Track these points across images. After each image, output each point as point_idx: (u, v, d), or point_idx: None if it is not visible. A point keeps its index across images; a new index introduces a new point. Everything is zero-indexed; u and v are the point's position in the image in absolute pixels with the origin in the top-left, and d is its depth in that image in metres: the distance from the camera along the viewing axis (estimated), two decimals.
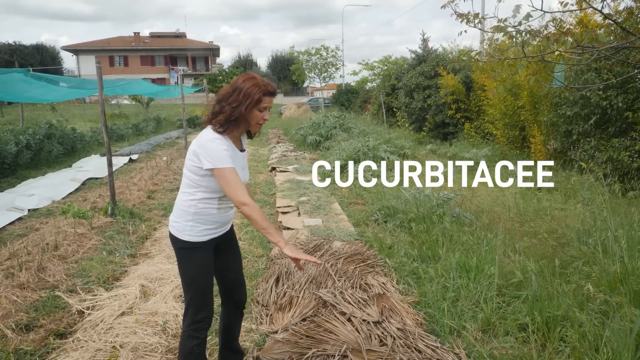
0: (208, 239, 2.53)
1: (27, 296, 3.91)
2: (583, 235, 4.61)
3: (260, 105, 2.40)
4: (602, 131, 8.02)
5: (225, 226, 2.65)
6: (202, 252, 2.53)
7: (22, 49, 51.11)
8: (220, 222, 2.57)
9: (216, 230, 2.57)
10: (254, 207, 2.32)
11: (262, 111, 2.43)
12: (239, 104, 2.36)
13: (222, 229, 2.62)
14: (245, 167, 2.60)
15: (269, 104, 2.44)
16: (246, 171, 2.62)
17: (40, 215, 6.63)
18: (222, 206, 2.52)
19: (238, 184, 2.33)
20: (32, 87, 8.79)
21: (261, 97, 2.38)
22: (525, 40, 4.32)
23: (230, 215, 2.63)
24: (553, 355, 2.89)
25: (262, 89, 2.38)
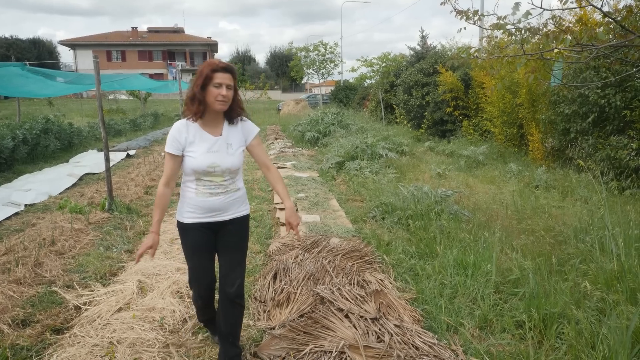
0: (192, 222, 2.68)
1: (24, 291, 3.90)
2: (580, 233, 4.62)
3: (214, 81, 2.51)
4: (600, 129, 8.03)
5: (214, 213, 2.69)
6: (189, 233, 2.71)
7: (19, 43, 50.96)
8: (202, 207, 2.66)
9: (201, 216, 2.67)
10: (157, 192, 2.68)
11: (218, 87, 2.52)
12: (194, 84, 2.57)
13: (209, 216, 2.68)
14: (218, 151, 2.62)
15: (224, 81, 2.52)
16: (220, 155, 2.62)
17: (37, 211, 6.62)
18: (201, 190, 2.64)
19: (165, 170, 2.64)
20: (29, 81, 8.77)
21: (211, 74, 2.51)
22: (525, 37, 4.32)
23: (216, 204, 2.67)
24: (549, 352, 2.90)
25: (212, 66, 2.54)
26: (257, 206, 6.99)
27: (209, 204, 2.65)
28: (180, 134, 2.60)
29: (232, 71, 2.59)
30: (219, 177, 2.65)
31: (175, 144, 2.59)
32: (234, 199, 2.73)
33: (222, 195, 2.68)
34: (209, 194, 2.64)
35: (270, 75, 62.98)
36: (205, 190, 2.64)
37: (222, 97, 2.53)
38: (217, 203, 2.67)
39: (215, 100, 2.54)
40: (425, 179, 8.41)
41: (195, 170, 2.60)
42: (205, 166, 2.58)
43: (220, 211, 2.70)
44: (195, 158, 2.58)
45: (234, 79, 2.61)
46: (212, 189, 2.64)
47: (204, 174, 2.61)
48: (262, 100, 33.80)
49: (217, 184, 2.65)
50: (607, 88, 7.59)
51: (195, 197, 2.65)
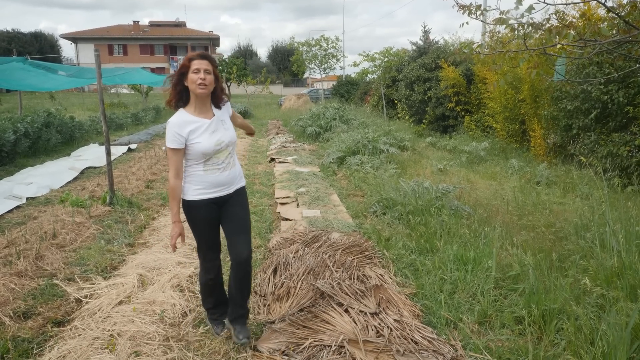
0: (200, 198, 2.93)
1: (25, 284, 3.91)
2: (581, 229, 4.62)
3: (192, 68, 2.79)
4: (602, 126, 8.00)
5: (221, 188, 2.97)
6: (197, 209, 2.95)
7: (21, 36, 50.92)
8: (211, 182, 2.92)
9: (208, 191, 2.94)
10: (169, 185, 2.88)
11: (197, 73, 2.78)
12: (175, 74, 2.89)
13: (216, 191, 2.96)
14: (217, 129, 2.92)
15: (201, 66, 2.78)
16: (220, 132, 2.93)
17: (38, 204, 6.63)
18: (209, 168, 2.91)
19: (172, 164, 2.84)
20: (31, 75, 8.76)
21: (188, 62, 2.80)
22: (528, 33, 4.30)
23: (222, 178, 2.95)
24: (549, 347, 2.90)
25: (189, 56, 2.85)
26: (257, 200, 6.99)
27: (217, 179, 2.93)
28: (180, 127, 2.81)
29: (208, 58, 2.85)
30: (224, 152, 2.94)
31: (178, 138, 2.80)
32: (235, 174, 3.05)
33: (227, 170, 2.97)
34: (216, 169, 2.92)
35: (271, 69, 62.87)
36: (214, 168, 2.92)
37: (202, 80, 2.78)
38: (222, 178, 2.96)
39: (197, 86, 2.79)
40: (426, 174, 8.40)
41: (205, 153, 2.85)
42: (213, 146, 2.86)
43: (225, 185, 2.99)
44: (201, 143, 2.83)
45: (212, 66, 2.86)
46: (219, 166, 2.93)
47: (213, 153, 2.88)
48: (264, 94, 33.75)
49: (222, 161, 2.94)
50: (610, 84, 7.55)
51: (204, 175, 2.91)
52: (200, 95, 2.83)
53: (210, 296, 3.23)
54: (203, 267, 3.14)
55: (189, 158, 2.89)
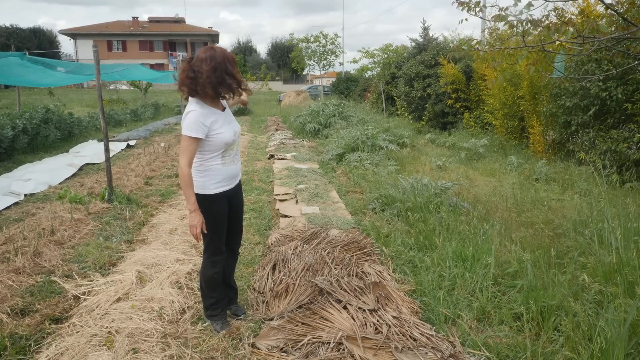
0: (219, 192, 3.04)
1: (23, 281, 3.91)
2: (579, 226, 4.62)
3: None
4: (601, 122, 8.01)
5: (234, 180, 3.15)
6: (219, 204, 3.07)
7: (19, 32, 50.74)
8: (229, 175, 3.08)
9: (227, 184, 3.08)
10: (183, 173, 2.84)
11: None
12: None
13: (230, 183, 3.11)
14: (231, 121, 3.08)
15: None
16: (234, 123, 3.10)
17: (36, 200, 6.62)
18: (226, 161, 3.04)
19: (188, 153, 2.84)
20: (29, 71, 8.73)
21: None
22: (526, 29, 4.29)
23: (235, 170, 3.13)
24: (547, 344, 2.90)
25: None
26: (256, 197, 6.99)
27: (233, 171, 3.10)
28: (205, 117, 2.88)
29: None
30: (237, 143, 3.11)
31: (202, 127, 2.86)
32: (239, 165, 3.21)
33: (237, 162, 3.15)
34: (231, 162, 3.07)
35: (271, 66, 62.80)
36: (229, 159, 3.06)
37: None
38: (235, 169, 3.14)
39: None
40: (425, 171, 8.40)
41: (227, 143, 2.97)
42: (232, 135, 3.01)
43: (237, 177, 3.19)
44: (224, 133, 2.95)
45: None
46: (233, 156, 3.09)
47: (232, 143, 3.02)
48: (263, 91, 33.76)
49: (235, 152, 3.11)
50: (609, 81, 7.55)
51: (223, 168, 3.02)
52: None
53: (214, 291, 3.26)
54: (210, 262, 3.18)
55: (209, 149, 2.95)
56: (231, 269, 3.49)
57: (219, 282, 3.26)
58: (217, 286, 3.25)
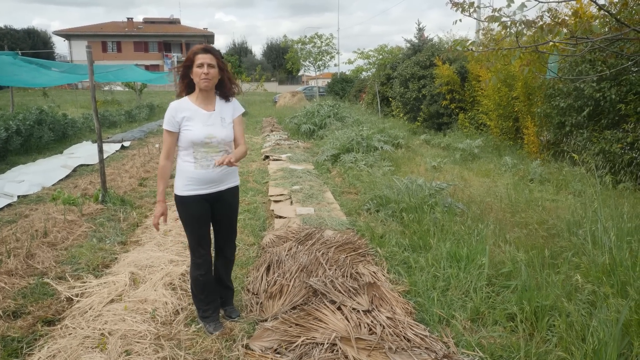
0: (192, 194, 2.99)
1: (15, 283, 3.88)
2: (573, 226, 4.63)
3: (196, 62, 2.89)
4: (595, 123, 8.04)
5: (211, 185, 3.03)
6: (189, 206, 3.02)
7: (13, 33, 50.48)
8: (201, 179, 2.98)
9: (199, 187, 3.00)
10: (159, 165, 3.03)
11: (201, 67, 2.88)
12: (181, 67, 2.99)
13: (206, 187, 3.02)
14: (213, 124, 2.98)
15: (205, 60, 2.88)
16: (215, 128, 2.98)
17: (29, 202, 6.58)
18: (199, 163, 2.95)
19: (164, 145, 2.98)
20: (22, 70, 8.68)
21: (193, 57, 2.90)
22: (520, 30, 4.30)
23: (213, 175, 2.99)
24: (540, 344, 2.91)
25: (194, 50, 2.93)
26: (251, 198, 6.97)
27: (207, 176, 2.98)
28: (176, 112, 2.94)
29: (211, 51, 2.94)
30: (214, 149, 2.97)
31: (173, 121, 2.94)
32: (227, 172, 3.06)
33: (218, 169, 2.99)
34: (206, 165, 2.96)
35: (266, 67, 62.71)
36: (204, 162, 2.95)
37: (205, 75, 2.88)
38: (213, 175, 3.00)
39: (200, 79, 2.90)
40: (420, 171, 8.41)
41: (193, 142, 2.91)
42: (202, 137, 2.91)
43: (217, 182, 3.04)
44: (192, 131, 2.91)
45: (217, 58, 2.94)
46: (209, 161, 2.96)
47: (201, 145, 2.93)
48: (259, 92, 33.69)
49: (212, 157, 2.96)
50: (603, 82, 7.58)
51: (194, 170, 2.96)
52: (204, 89, 2.95)
53: (201, 293, 3.24)
54: (193, 263, 3.19)
55: (181, 145, 2.99)
56: (225, 271, 3.44)
57: (206, 284, 3.22)
58: (205, 287, 3.22)
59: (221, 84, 3.05)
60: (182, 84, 3.04)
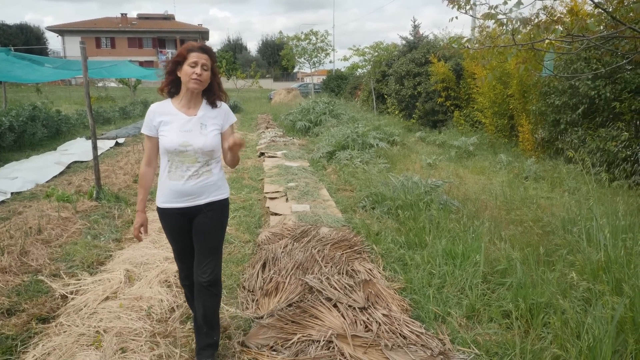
0: (166, 207, 2.70)
1: (9, 280, 3.85)
2: (568, 223, 4.65)
3: (189, 60, 2.56)
4: (590, 121, 8.07)
5: (186, 198, 2.66)
6: (165, 218, 2.76)
7: (6, 28, 50.17)
8: (174, 191, 2.65)
9: (174, 200, 2.68)
10: (140, 173, 2.79)
11: (193, 66, 2.56)
12: (170, 61, 2.67)
13: (182, 201, 2.67)
14: (191, 130, 2.62)
15: (199, 59, 2.57)
16: (192, 135, 2.62)
17: (23, 199, 6.53)
18: (173, 173, 2.64)
19: (145, 152, 2.73)
20: (15, 66, 8.61)
21: (187, 53, 2.58)
22: (516, 28, 4.30)
23: (186, 188, 2.64)
24: (535, 341, 2.92)
25: (189, 46, 2.62)
26: (247, 195, 6.96)
27: (180, 188, 2.63)
28: (154, 115, 2.67)
29: (208, 52, 2.63)
30: (191, 158, 2.62)
31: (149, 125, 2.67)
32: (206, 184, 2.68)
33: (194, 179, 2.64)
34: (180, 177, 2.63)
35: (261, 63, 62.59)
36: (177, 172, 2.64)
37: (197, 76, 2.56)
38: (188, 187, 2.64)
39: (190, 79, 2.57)
40: (415, 169, 8.42)
41: (167, 149, 2.61)
42: (177, 144, 2.59)
43: (193, 196, 2.67)
44: (167, 137, 2.61)
45: (212, 61, 2.65)
46: (183, 172, 2.63)
47: (175, 153, 2.60)
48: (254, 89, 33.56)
49: (188, 167, 2.62)
50: (598, 79, 7.61)
51: (168, 181, 2.66)
52: (192, 90, 2.61)
53: (189, 300, 3.06)
54: (180, 270, 2.98)
55: (160, 152, 2.72)
56: (201, 309, 2.79)
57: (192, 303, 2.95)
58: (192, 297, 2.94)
59: (210, 90, 2.71)
60: (167, 80, 2.70)
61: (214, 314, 2.84)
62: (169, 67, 2.68)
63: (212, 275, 2.74)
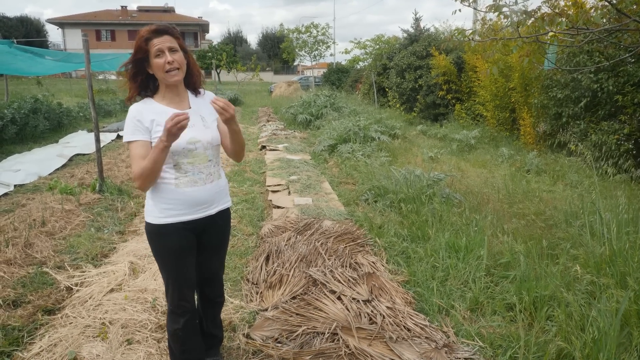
0: (172, 222, 2.24)
1: (14, 272, 3.87)
2: (571, 217, 4.66)
3: (152, 50, 2.13)
4: (592, 114, 8.06)
5: (198, 208, 2.28)
6: (166, 238, 2.27)
7: (6, 20, 50.00)
8: (185, 201, 2.24)
9: (183, 212, 2.25)
10: (137, 177, 2.12)
11: (161, 56, 2.13)
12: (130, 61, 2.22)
13: (193, 211, 2.27)
14: (193, 125, 2.22)
15: (163, 44, 2.13)
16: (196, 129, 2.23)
17: (26, 191, 6.54)
18: (182, 180, 2.22)
19: (135, 159, 2.13)
20: (17, 59, 8.60)
21: (145, 44, 2.15)
22: (521, 20, 4.29)
23: (201, 194, 2.26)
24: (540, 334, 2.93)
25: (142, 34, 2.16)
26: (249, 188, 6.97)
27: (193, 196, 2.24)
28: (142, 114, 2.18)
29: (168, 31, 2.16)
30: (201, 157, 2.24)
31: (139, 126, 2.16)
32: (218, 189, 2.36)
33: (207, 183, 2.29)
34: (192, 182, 2.24)
35: (261, 56, 62.42)
36: (189, 177, 2.23)
37: (169, 65, 2.14)
38: (202, 194, 2.27)
39: (165, 72, 2.15)
40: (417, 162, 8.41)
41: (172, 152, 2.14)
42: (184, 143, 2.16)
43: (206, 204, 2.31)
44: None
45: (177, 39, 2.19)
46: (196, 175, 2.24)
47: (183, 154, 2.20)
48: (254, 82, 33.53)
49: (200, 170, 2.25)
50: (600, 73, 7.59)
51: (176, 190, 2.22)
52: (174, 83, 2.21)
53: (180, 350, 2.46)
54: (170, 314, 2.43)
55: None
56: (211, 317, 2.71)
57: (187, 341, 2.45)
58: (186, 344, 2.45)
59: (188, 72, 2.28)
60: (134, 84, 2.23)
61: (219, 315, 2.79)
62: (130, 70, 2.22)
63: (221, 288, 2.69)
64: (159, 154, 2.04)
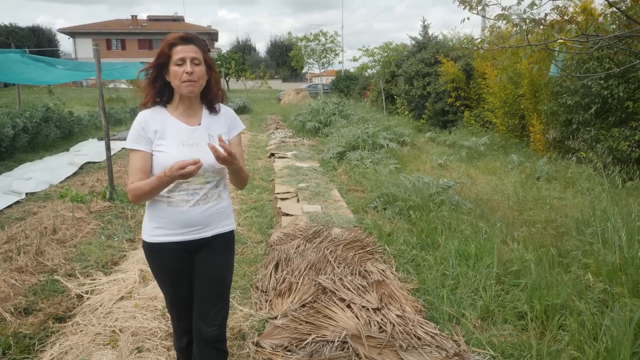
0: (164, 241, 2.14)
1: (26, 280, 3.90)
2: (582, 224, 4.61)
3: (174, 58, 2.03)
4: (602, 121, 8.00)
5: (191, 229, 2.14)
6: (159, 257, 2.19)
7: (18, 30, 50.72)
8: (176, 221, 2.11)
9: (174, 232, 2.13)
10: (130, 191, 2.05)
11: (181, 64, 2.03)
12: (152, 65, 2.12)
13: (185, 232, 2.14)
14: (197, 144, 2.10)
15: (187, 54, 2.03)
16: (200, 149, 2.08)
17: (38, 199, 6.60)
18: (175, 198, 2.10)
19: (132, 170, 2.07)
20: (30, 68, 8.71)
21: (169, 50, 2.05)
22: (530, 28, 4.28)
23: (193, 216, 2.12)
24: (552, 343, 2.90)
25: (169, 39, 2.07)
26: (258, 196, 6.98)
27: (185, 217, 2.11)
28: (147, 123, 2.09)
29: (195, 41, 2.07)
30: (199, 178, 2.10)
31: (142, 135, 2.08)
32: (216, 211, 2.19)
33: (202, 204, 2.13)
34: (185, 201, 2.10)
35: (270, 64, 62.79)
36: (181, 197, 2.10)
37: (188, 76, 2.02)
38: (195, 215, 2.12)
39: (181, 82, 2.04)
40: (426, 169, 8.39)
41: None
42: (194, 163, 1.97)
43: (200, 226, 2.15)
44: (168, 153, 2.06)
45: (203, 52, 2.09)
46: (189, 195, 2.11)
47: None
48: (263, 89, 33.69)
49: (195, 190, 2.11)
50: (610, 79, 7.54)
51: (167, 208, 2.11)
52: (188, 94, 2.09)
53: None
54: (174, 332, 2.41)
55: (152, 174, 2.10)
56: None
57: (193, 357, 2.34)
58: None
59: (207, 89, 2.16)
60: (152, 89, 2.13)
61: None
62: (152, 73, 2.13)
63: (220, 328, 2.27)
64: (159, 185, 2.00)
